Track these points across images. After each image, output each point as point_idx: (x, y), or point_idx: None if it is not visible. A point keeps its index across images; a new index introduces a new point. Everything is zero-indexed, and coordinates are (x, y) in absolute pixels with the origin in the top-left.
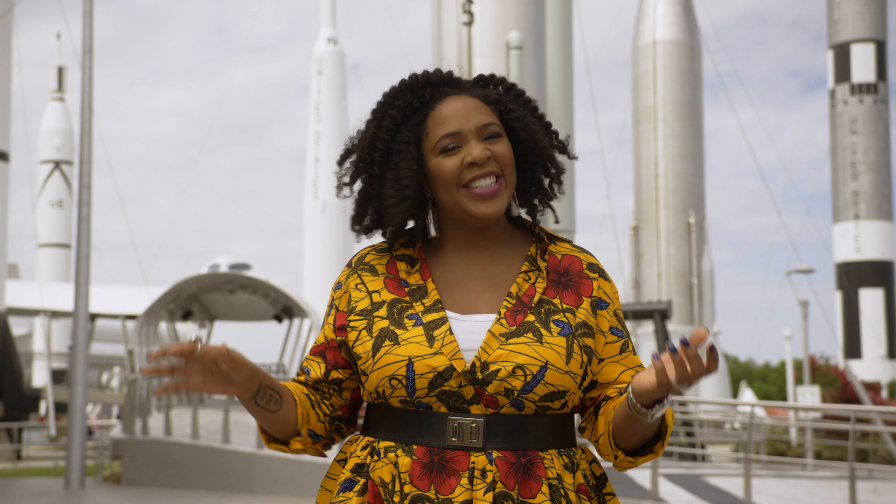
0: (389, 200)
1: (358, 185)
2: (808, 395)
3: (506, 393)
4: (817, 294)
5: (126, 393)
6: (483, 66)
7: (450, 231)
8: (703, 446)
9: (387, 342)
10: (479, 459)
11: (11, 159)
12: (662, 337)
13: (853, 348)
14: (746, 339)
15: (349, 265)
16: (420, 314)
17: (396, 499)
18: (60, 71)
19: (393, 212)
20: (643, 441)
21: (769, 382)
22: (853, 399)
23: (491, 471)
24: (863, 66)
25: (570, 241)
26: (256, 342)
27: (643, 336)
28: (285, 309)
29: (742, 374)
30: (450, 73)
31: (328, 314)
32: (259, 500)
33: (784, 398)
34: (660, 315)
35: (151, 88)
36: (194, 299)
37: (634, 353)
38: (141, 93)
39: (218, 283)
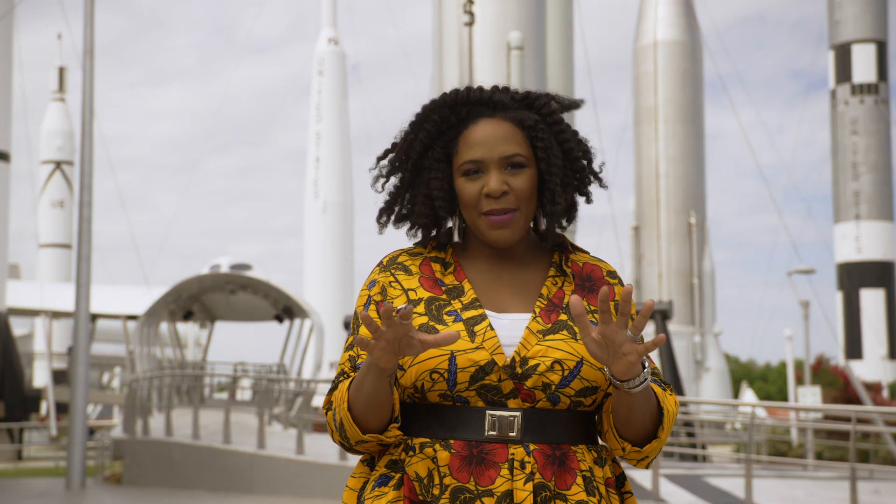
0: (420, 218)
1: (390, 183)
2: (809, 396)
3: (543, 387)
4: (818, 294)
5: (126, 393)
6: (484, 66)
7: (478, 238)
8: (703, 447)
9: None
10: (518, 451)
11: (12, 159)
12: None
13: (854, 349)
14: (747, 340)
15: (380, 265)
16: (459, 311)
17: (436, 491)
18: (61, 71)
19: (423, 225)
20: (643, 426)
21: (770, 383)
22: (854, 399)
23: (529, 462)
24: (864, 66)
25: (587, 252)
26: (257, 343)
27: (643, 336)
28: (286, 309)
29: (743, 374)
30: (492, 91)
31: (366, 310)
32: (259, 500)
33: (785, 398)
34: (660, 316)
35: (152, 89)
36: (195, 299)
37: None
38: (142, 93)
39: (219, 283)
